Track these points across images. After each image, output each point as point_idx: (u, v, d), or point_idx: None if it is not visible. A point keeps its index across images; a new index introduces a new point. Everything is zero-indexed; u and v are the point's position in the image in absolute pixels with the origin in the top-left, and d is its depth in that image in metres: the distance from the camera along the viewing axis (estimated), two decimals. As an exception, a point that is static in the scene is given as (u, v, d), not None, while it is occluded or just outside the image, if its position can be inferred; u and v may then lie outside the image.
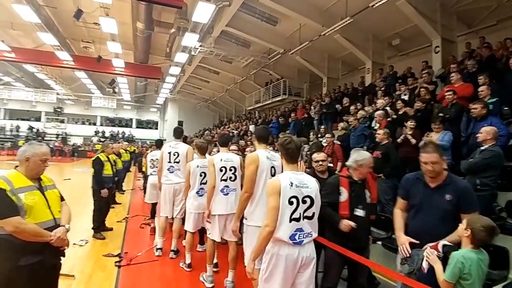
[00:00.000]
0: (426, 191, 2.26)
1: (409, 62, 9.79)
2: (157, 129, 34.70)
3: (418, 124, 5.24)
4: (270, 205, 2.03)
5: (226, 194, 3.36)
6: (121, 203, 7.86)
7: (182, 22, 11.02)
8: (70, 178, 12.21)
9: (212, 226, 3.42)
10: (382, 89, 8.42)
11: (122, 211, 7.06)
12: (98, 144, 23.07)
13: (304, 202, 2.04)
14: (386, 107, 6.72)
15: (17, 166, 2.06)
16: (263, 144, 2.90)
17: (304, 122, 10.42)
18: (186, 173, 3.92)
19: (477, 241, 1.87)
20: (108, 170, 5.40)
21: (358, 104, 8.25)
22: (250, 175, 2.69)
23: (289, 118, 11.37)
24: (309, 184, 2.09)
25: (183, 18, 10.88)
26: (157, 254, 4.29)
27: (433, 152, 2.18)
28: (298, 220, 2.02)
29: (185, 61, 15.78)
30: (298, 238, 2.02)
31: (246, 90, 19.37)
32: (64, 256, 2.16)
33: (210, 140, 5.33)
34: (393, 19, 9.40)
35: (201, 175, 3.83)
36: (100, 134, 32.13)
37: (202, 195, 3.79)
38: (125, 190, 9.71)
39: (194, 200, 3.81)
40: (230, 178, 3.40)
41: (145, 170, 8.74)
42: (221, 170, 3.37)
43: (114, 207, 7.10)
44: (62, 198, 2.26)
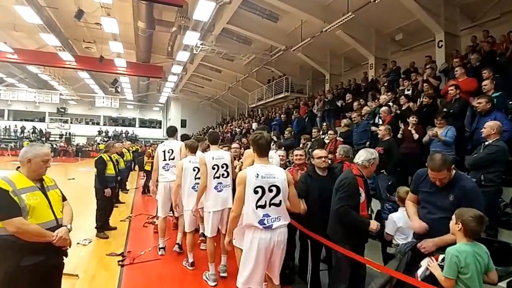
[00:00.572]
0: (432, 189, 2.30)
1: (412, 57, 9.63)
2: (160, 128, 34.68)
3: (423, 119, 5.19)
4: (236, 194, 2.34)
5: (220, 191, 3.47)
6: (124, 202, 7.90)
7: (183, 20, 10.99)
8: (74, 178, 12.31)
9: (206, 223, 3.49)
10: (385, 84, 8.35)
11: (125, 210, 7.10)
12: (102, 144, 23.22)
13: (270, 190, 2.30)
14: (389, 103, 6.67)
15: (19, 167, 2.07)
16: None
17: (307, 119, 10.37)
18: (178, 170, 3.94)
19: (470, 232, 1.88)
20: (110, 170, 5.44)
21: (361, 100, 8.19)
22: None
23: (292, 115, 11.32)
24: (276, 174, 2.34)
25: (184, 16, 10.85)
26: (159, 253, 4.30)
27: (441, 170, 2.15)
28: (263, 207, 2.28)
29: (187, 59, 15.79)
30: (267, 223, 2.27)
31: (249, 88, 19.33)
32: (66, 256, 2.17)
33: (201, 137, 5.37)
34: (395, 14, 9.27)
35: (194, 170, 3.84)
36: (103, 134, 32.33)
37: (197, 190, 3.73)
38: (128, 189, 9.77)
39: (189, 196, 3.79)
40: (222, 175, 3.52)
41: (147, 168, 8.79)
42: (213, 168, 3.46)
43: (117, 206, 7.17)
44: (64, 198, 2.27)
